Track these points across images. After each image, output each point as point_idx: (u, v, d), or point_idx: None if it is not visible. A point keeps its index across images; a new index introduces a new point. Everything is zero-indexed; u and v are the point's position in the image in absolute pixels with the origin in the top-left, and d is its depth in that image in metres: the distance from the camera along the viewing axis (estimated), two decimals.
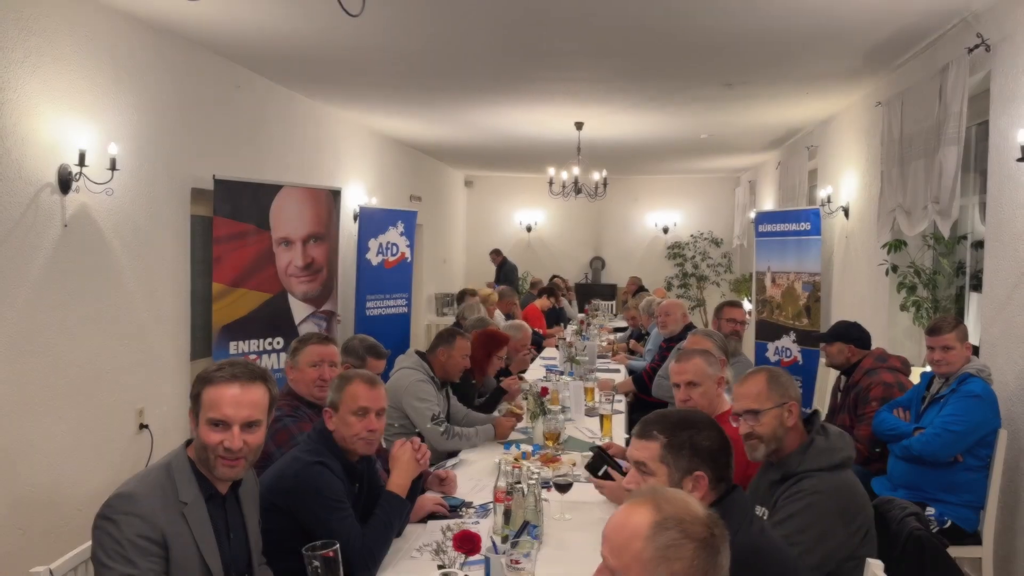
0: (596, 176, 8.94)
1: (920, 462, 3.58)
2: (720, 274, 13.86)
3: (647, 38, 4.99)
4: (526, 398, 4.52)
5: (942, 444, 3.50)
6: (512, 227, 14.73)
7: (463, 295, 8.12)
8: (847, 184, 6.93)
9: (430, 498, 2.94)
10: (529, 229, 14.67)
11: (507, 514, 2.64)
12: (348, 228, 7.67)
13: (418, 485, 2.70)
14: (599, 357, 7.12)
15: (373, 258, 7.66)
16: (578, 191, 8.75)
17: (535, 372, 6.19)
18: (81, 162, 3.96)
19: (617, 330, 9.67)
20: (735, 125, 8.25)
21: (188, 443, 2.11)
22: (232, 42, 5.17)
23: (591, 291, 13.84)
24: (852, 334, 4.33)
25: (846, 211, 6.90)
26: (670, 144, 9.70)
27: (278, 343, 5.74)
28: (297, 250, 6.01)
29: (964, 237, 5.04)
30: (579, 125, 8.00)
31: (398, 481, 2.57)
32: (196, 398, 2.06)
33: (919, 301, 5.17)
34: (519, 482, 2.64)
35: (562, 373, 5.62)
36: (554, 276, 12.46)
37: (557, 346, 7.47)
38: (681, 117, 7.78)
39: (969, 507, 3.55)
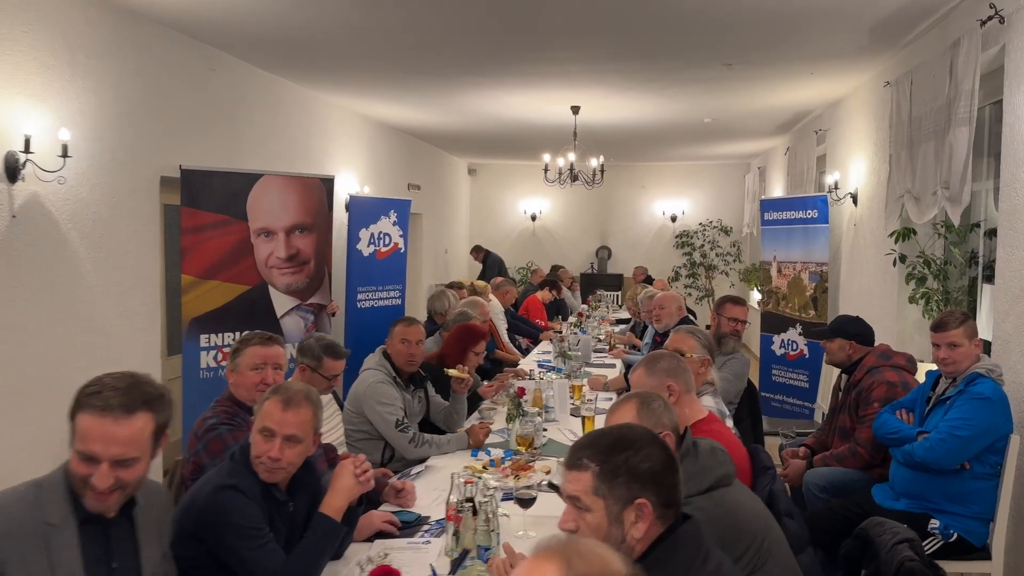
0: (594, 162, 8.62)
1: (924, 469, 3.29)
2: (729, 263, 13.52)
3: (640, 16, 4.69)
4: (507, 397, 4.25)
5: (947, 450, 3.22)
6: (517, 216, 14.43)
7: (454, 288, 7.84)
8: (856, 169, 6.61)
9: (379, 515, 2.67)
10: (534, 218, 14.36)
11: (458, 534, 2.40)
12: (338, 218, 7.41)
13: (359, 506, 2.43)
14: (595, 352, 6.84)
15: (364, 248, 7.39)
16: (574, 178, 8.43)
17: (529, 367, 5.92)
18: (27, 148, 3.74)
19: (620, 321, 9.38)
20: (739, 108, 7.91)
21: None
22: (204, 23, 4.92)
23: (597, 281, 13.54)
24: (853, 329, 4.05)
25: (854, 198, 6.57)
26: (672, 129, 9.37)
27: None
28: (280, 241, 5.75)
29: (977, 225, 4.73)
30: (575, 109, 7.69)
31: (333, 503, 2.29)
32: (72, 417, 1.80)
33: (929, 293, 4.86)
34: (470, 499, 2.39)
35: (551, 369, 5.35)
36: (555, 266, 12.17)
37: (551, 339, 7.20)
38: (681, 100, 7.47)
39: (977, 519, 3.26)
